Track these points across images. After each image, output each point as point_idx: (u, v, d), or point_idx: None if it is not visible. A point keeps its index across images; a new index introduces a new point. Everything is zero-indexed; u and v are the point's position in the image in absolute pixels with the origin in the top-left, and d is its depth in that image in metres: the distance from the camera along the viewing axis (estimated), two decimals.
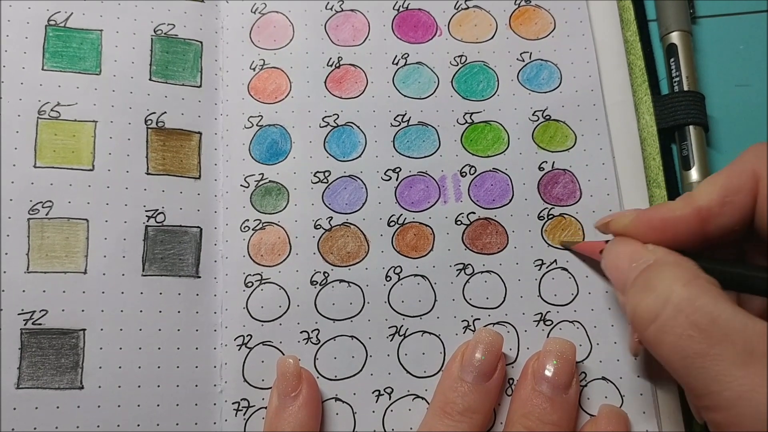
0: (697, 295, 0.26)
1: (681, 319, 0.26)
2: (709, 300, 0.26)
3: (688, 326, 0.25)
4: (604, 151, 0.39)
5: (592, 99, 0.40)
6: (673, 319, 0.26)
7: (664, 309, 0.26)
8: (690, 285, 0.26)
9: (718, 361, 0.24)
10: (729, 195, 0.29)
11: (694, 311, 0.25)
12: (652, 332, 0.27)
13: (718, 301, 0.25)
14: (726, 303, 0.25)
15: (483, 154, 0.39)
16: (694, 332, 0.25)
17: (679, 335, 0.26)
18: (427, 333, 0.36)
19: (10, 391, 0.32)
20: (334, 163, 0.39)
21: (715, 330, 0.25)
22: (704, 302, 0.25)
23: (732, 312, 0.25)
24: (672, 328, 0.26)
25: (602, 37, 0.42)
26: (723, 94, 0.42)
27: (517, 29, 0.42)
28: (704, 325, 0.25)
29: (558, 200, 0.39)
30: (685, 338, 0.25)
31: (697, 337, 0.25)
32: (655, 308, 0.27)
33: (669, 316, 0.26)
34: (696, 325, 0.25)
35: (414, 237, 0.38)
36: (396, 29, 0.42)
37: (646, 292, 0.27)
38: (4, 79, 0.36)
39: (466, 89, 0.41)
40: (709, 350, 0.25)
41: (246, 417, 0.34)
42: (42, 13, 0.38)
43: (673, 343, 0.26)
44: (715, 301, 0.25)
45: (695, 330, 0.25)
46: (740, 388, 0.24)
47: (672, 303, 0.26)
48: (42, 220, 0.35)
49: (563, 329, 0.36)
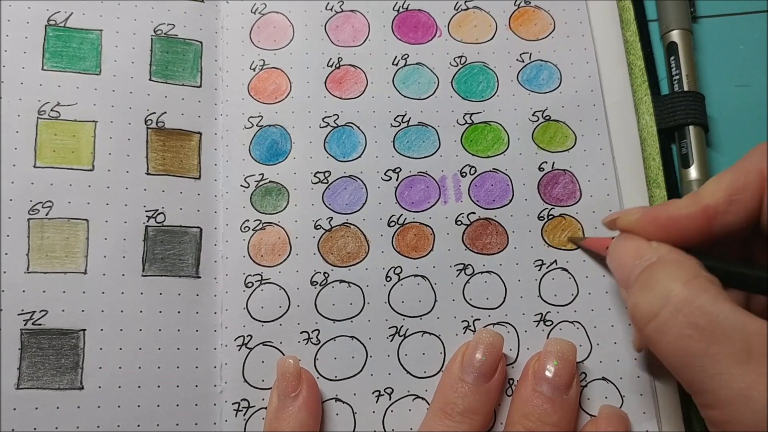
0: (697, 294, 0.26)
1: (680, 318, 0.26)
2: (708, 299, 0.26)
3: (686, 325, 0.25)
4: (604, 151, 0.39)
5: (592, 99, 0.40)
6: (672, 318, 0.26)
7: (664, 308, 0.26)
8: (689, 284, 0.26)
9: (717, 359, 0.25)
10: (735, 193, 0.29)
11: (693, 310, 0.26)
12: (651, 330, 0.27)
13: (717, 300, 0.26)
14: (725, 302, 0.25)
15: (483, 155, 0.39)
16: (692, 331, 0.25)
17: (678, 334, 0.26)
18: (427, 333, 0.36)
19: (10, 392, 0.32)
20: (334, 163, 0.39)
21: (713, 329, 0.25)
22: (703, 301, 0.26)
23: (731, 311, 0.25)
24: (671, 327, 0.26)
25: (602, 37, 0.42)
26: (723, 95, 0.42)
27: (517, 30, 0.42)
28: (703, 324, 0.25)
29: (558, 200, 0.39)
30: (684, 337, 0.25)
31: (695, 336, 0.25)
32: (654, 307, 0.27)
33: (668, 315, 0.26)
34: (694, 324, 0.25)
35: (414, 237, 0.38)
36: (396, 30, 0.42)
37: (646, 291, 0.28)
38: (3, 79, 0.36)
39: (466, 90, 0.41)
40: (708, 349, 0.25)
41: (246, 417, 0.34)
42: (42, 13, 0.38)
43: (671, 341, 0.26)
44: (714, 300, 0.26)
45: (694, 329, 0.25)
46: (738, 386, 0.24)
47: (671, 302, 0.26)
48: (42, 221, 0.35)
49: (563, 329, 0.36)
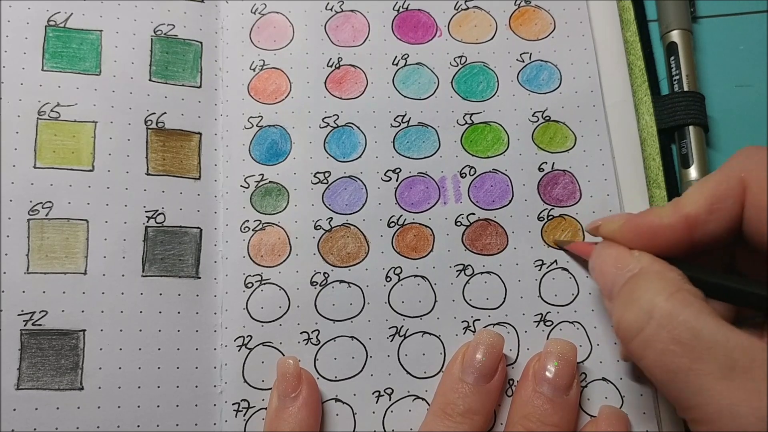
0: (680, 309, 0.26)
1: (663, 334, 0.26)
2: (691, 314, 0.25)
3: (670, 341, 0.25)
4: (604, 152, 0.39)
5: (592, 100, 0.40)
6: (656, 334, 0.26)
7: (648, 324, 0.26)
8: (672, 298, 0.26)
9: (701, 375, 0.24)
10: (716, 202, 0.29)
11: (676, 326, 0.25)
12: (635, 346, 0.27)
13: (700, 315, 0.25)
14: (708, 316, 0.25)
15: (483, 155, 0.39)
16: (676, 347, 0.25)
17: (662, 350, 0.26)
18: (427, 334, 0.36)
19: (10, 392, 0.32)
20: (334, 163, 0.39)
21: (697, 344, 0.25)
22: (686, 317, 0.25)
23: (714, 326, 0.25)
24: (655, 343, 0.26)
25: (602, 37, 0.42)
26: (723, 95, 0.42)
27: (517, 30, 0.42)
28: (686, 340, 0.25)
29: (558, 201, 0.39)
30: (668, 353, 0.25)
31: (679, 351, 0.25)
32: (638, 322, 0.27)
33: (652, 331, 0.26)
34: (678, 340, 0.25)
35: (414, 238, 0.37)
36: (396, 30, 0.42)
37: (629, 305, 0.27)
38: (3, 79, 0.36)
39: (466, 90, 0.41)
40: (692, 365, 0.25)
41: (246, 418, 0.34)
42: (42, 13, 0.38)
43: (656, 357, 0.26)
44: (698, 315, 0.25)
45: (677, 345, 0.25)
46: (722, 401, 0.24)
47: (654, 317, 0.26)
48: (42, 221, 0.35)
49: (563, 330, 0.36)
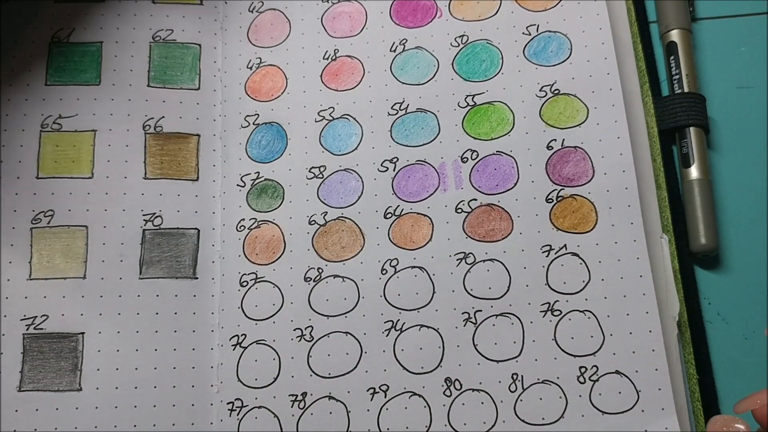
0: None
1: None
2: None
3: None
4: (619, 123, 0.36)
5: (606, 67, 0.37)
6: None
7: None
8: None
9: None
10: None
11: None
12: None
13: None
14: None
15: (486, 137, 0.37)
16: None
17: None
18: (424, 327, 0.34)
19: (12, 394, 0.34)
20: (330, 157, 0.38)
21: None
22: None
23: None
24: None
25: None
26: (724, 96, 0.40)
27: (523, 2, 0.39)
28: None
29: (568, 180, 0.36)
30: None
31: None
32: None
33: None
34: None
35: (411, 228, 0.36)
36: (394, 15, 0.40)
37: None
38: (10, 96, 0.38)
39: (468, 70, 0.38)
40: None
41: (240, 417, 0.34)
42: (46, 31, 0.39)
43: None
44: None
45: None
46: None
47: None
48: (44, 229, 0.36)
49: (573, 320, 0.33)
